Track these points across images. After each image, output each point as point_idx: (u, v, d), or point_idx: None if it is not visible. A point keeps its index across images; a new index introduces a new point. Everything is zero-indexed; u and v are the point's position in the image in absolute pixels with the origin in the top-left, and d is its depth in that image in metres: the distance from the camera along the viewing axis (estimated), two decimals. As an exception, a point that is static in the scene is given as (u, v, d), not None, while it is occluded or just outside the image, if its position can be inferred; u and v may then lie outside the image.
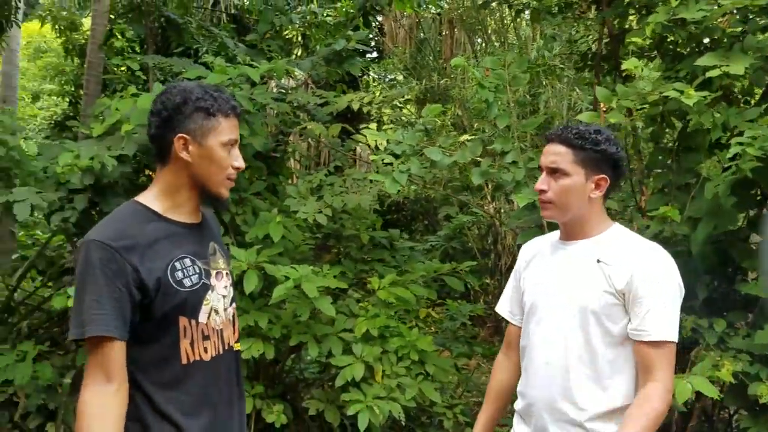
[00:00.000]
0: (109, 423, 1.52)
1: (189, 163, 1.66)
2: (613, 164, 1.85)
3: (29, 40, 15.47)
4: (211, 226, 1.83)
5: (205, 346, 1.67)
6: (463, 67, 2.91)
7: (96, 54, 6.31)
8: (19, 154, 3.60)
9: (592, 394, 1.81)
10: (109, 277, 1.53)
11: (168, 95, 1.68)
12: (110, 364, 1.54)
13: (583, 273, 1.83)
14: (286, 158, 4.69)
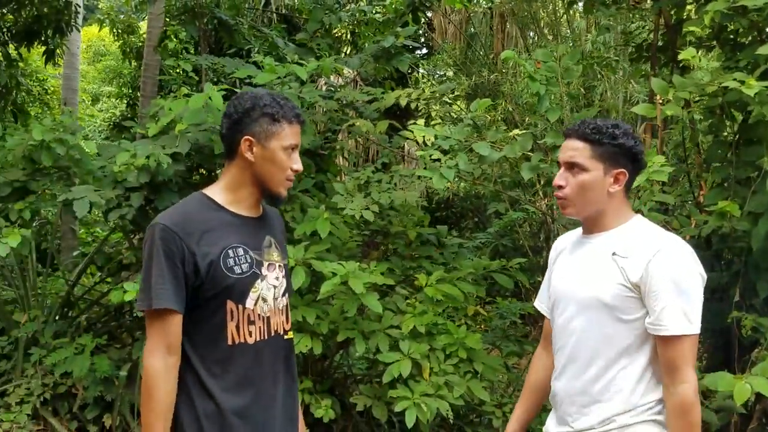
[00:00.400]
0: (171, 390, 1.73)
1: (252, 162, 1.82)
2: (632, 158, 1.84)
3: (89, 43, 16.03)
4: (271, 222, 1.95)
5: (250, 330, 1.80)
6: (513, 60, 2.85)
7: (152, 56, 6.49)
8: (79, 153, 3.73)
9: (608, 385, 1.81)
10: (169, 256, 1.72)
11: (240, 100, 1.86)
12: (171, 337, 1.73)
13: (599, 266, 1.83)
14: (334, 155, 4.71)
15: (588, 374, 1.83)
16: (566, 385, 1.88)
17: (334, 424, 3.84)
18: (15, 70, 6.86)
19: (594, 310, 1.81)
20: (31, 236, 3.63)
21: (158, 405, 1.71)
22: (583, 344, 1.84)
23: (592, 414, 1.82)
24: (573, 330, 1.87)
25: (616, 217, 1.86)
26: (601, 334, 1.81)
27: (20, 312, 4.54)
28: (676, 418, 1.73)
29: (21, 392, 4.07)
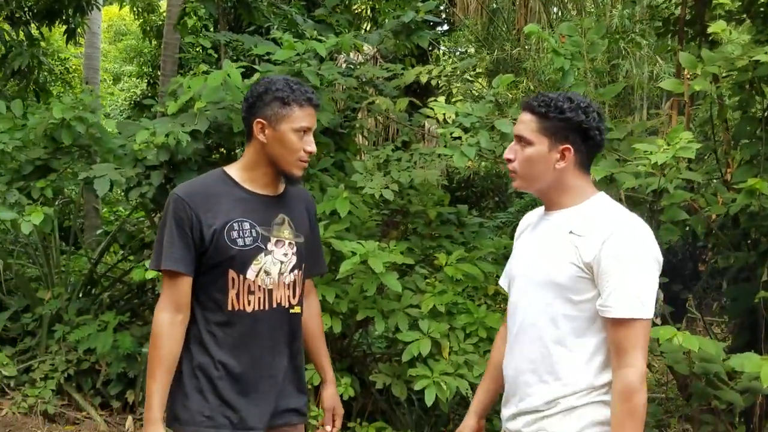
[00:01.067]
0: (174, 343, 1.89)
1: (265, 144, 1.93)
2: (582, 134, 1.75)
3: (110, 23, 16.06)
4: (291, 202, 2.04)
5: (249, 299, 1.93)
6: (537, 34, 2.77)
7: (172, 35, 6.47)
8: (99, 131, 3.74)
9: (555, 366, 1.75)
10: (179, 224, 1.88)
11: (257, 85, 1.97)
12: (179, 296, 1.89)
13: (555, 244, 1.77)
14: (354, 134, 4.66)
15: (534, 354, 1.78)
16: (514, 364, 1.84)
17: (353, 402, 3.86)
18: (37, 49, 6.89)
19: (546, 290, 1.76)
20: (53, 214, 3.66)
21: (162, 355, 1.87)
22: (532, 324, 1.79)
23: (537, 395, 1.77)
24: (523, 309, 1.83)
25: (574, 195, 1.79)
26: (550, 314, 1.76)
27: (44, 289, 4.61)
28: (618, 401, 1.67)
29: (45, 368, 4.15)
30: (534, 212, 1.99)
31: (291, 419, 2.05)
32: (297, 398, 2.07)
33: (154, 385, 1.86)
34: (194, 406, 1.92)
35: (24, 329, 4.49)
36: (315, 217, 2.17)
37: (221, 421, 1.92)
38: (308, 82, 3.54)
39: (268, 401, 1.98)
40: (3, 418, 3.91)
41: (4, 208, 3.49)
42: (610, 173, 2.83)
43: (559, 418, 1.74)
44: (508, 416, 1.86)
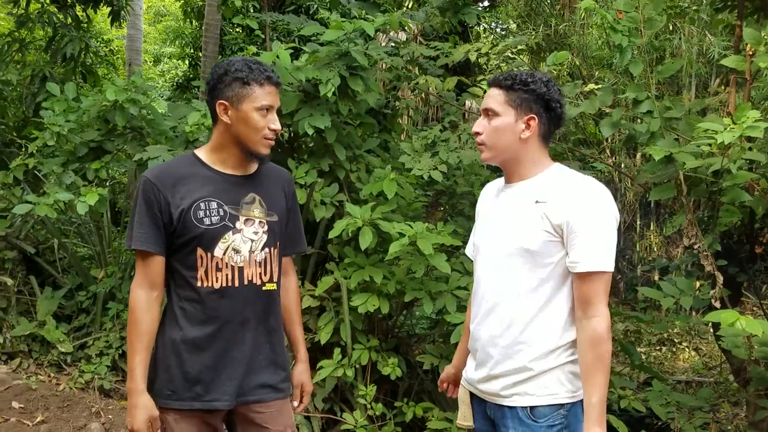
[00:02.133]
0: (151, 318, 1.96)
1: (229, 125, 1.98)
2: (545, 104, 1.88)
3: (149, 4, 16.19)
4: (263, 181, 2.08)
5: (217, 276, 1.98)
6: (593, 10, 2.70)
7: (213, 16, 6.51)
8: (152, 113, 3.79)
9: (531, 328, 1.88)
10: (148, 204, 1.95)
11: (216, 68, 2.01)
12: (152, 274, 1.97)
13: (522, 214, 1.88)
14: (399, 114, 4.63)
15: (507, 321, 1.89)
16: (489, 329, 1.94)
17: (399, 382, 3.88)
18: (84, 33, 7.00)
19: (516, 258, 1.88)
20: (107, 195, 3.73)
21: (140, 330, 1.95)
22: (502, 292, 1.91)
23: (514, 357, 1.89)
24: (493, 278, 1.93)
25: (534, 165, 1.91)
26: (520, 281, 1.88)
27: (97, 268, 4.72)
28: (587, 350, 1.82)
29: (100, 345, 4.26)
30: (493, 184, 2.10)
31: (264, 395, 2.08)
32: (272, 374, 2.10)
33: (137, 358, 1.94)
34: (162, 380, 2.00)
35: (78, 307, 4.61)
36: (294, 196, 2.20)
37: (186, 394, 2.00)
38: (356, 62, 3.52)
39: (236, 376, 2.02)
40: (61, 393, 4.03)
41: (61, 189, 3.58)
42: (669, 153, 2.76)
43: (536, 378, 1.87)
44: (480, 378, 1.97)
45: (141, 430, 1.94)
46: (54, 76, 6.26)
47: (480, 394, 1.99)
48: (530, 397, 1.87)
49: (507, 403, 1.90)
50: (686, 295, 3.07)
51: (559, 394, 1.87)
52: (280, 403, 2.13)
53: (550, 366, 1.87)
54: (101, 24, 10.79)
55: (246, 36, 9.20)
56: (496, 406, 1.94)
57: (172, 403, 2.00)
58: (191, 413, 2.02)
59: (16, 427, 3.60)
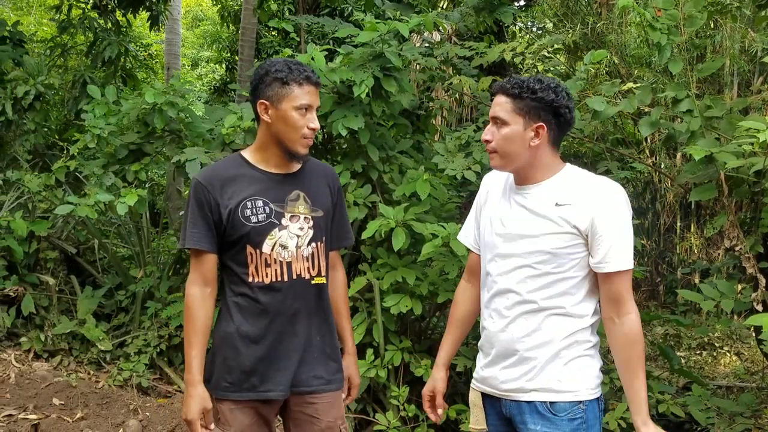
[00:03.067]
0: (205, 314, 2.05)
1: (269, 124, 2.04)
2: (553, 112, 1.88)
3: (187, 9, 16.45)
4: (306, 178, 2.15)
5: (267, 272, 2.06)
6: (630, 7, 2.65)
7: (249, 19, 6.59)
8: (190, 116, 3.85)
9: (550, 328, 1.90)
10: (200, 205, 2.05)
11: (258, 68, 2.08)
12: (205, 272, 2.06)
13: (541, 217, 1.89)
14: (433, 115, 4.62)
15: (536, 320, 1.90)
16: (512, 331, 1.93)
17: (433, 384, 3.87)
18: (123, 37, 7.15)
19: (539, 259, 1.89)
20: (146, 196, 3.80)
21: (196, 325, 2.04)
22: (529, 292, 1.90)
23: (539, 355, 1.90)
24: (517, 279, 1.92)
25: (547, 169, 1.92)
26: (546, 281, 1.89)
27: (136, 268, 4.81)
28: (625, 348, 1.87)
29: (139, 343, 4.34)
30: (498, 176, 2.08)
31: (318, 386, 2.14)
32: (325, 366, 2.16)
33: (192, 351, 2.03)
34: (218, 372, 2.09)
35: (118, 306, 4.70)
36: (340, 191, 2.26)
37: (242, 386, 2.08)
38: (390, 63, 3.52)
39: (289, 367, 2.09)
40: (100, 390, 4.12)
41: (102, 190, 3.66)
42: (710, 153, 2.70)
43: (558, 373, 1.89)
44: (497, 375, 1.97)
45: (194, 420, 2.01)
46: (95, 80, 6.41)
47: (494, 391, 1.99)
48: (551, 393, 1.89)
49: (526, 398, 1.91)
50: (727, 298, 3.00)
51: (579, 391, 1.89)
52: (332, 395, 2.19)
53: (572, 360, 1.89)
54: (140, 28, 11.01)
55: (281, 39, 9.29)
56: (514, 403, 1.94)
57: (228, 395, 2.08)
58: (246, 404, 2.09)
59: (56, 423, 3.70)
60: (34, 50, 7.71)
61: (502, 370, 1.96)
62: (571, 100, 1.92)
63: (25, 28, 8.49)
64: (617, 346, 1.88)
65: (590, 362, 1.92)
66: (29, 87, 5.34)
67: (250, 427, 2.11)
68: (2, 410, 3.72)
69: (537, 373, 1.90)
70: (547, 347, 1.90)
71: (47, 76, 5.65)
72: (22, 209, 4.78)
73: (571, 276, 1.89)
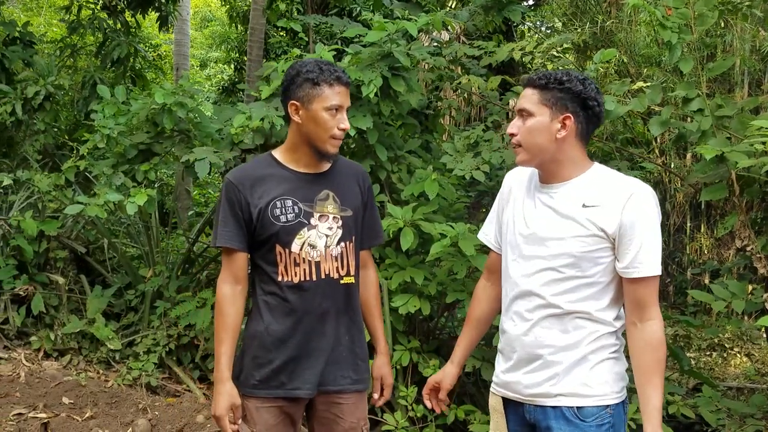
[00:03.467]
0: (236, 311, 2.09)
1: (300, 124, 2.06)
2: (581, 103, 1.83)
3: (196, 9, 16.51)
4: (336, 178, 2.15)
5: (296, 271, 2.08)
6: (641, 6, 2.63)
7: (258, 20, 6.59)
8: (199, 116, 3.86)
9: (574, 331, 1.85)
10: (231, 204, 2.07)
11: (289, 69, 2.09)
12: (236, 270, 2.10)
13: (568, 218, 1.84)
14: (441, 115, 4.61)
15: (560, 323, 1.85)
16: (536, 333, 1.88)
17: (441, 384, 3.86)
18: (133, 38, 7.18)
19: (564, 262, 1.83)
20: (155, 196, 3.81)
21: (226, 322, 2.07)
22: (553, 295, 1.85)
23: (563, 360, 1.85)
24: (540, 281, 1.87)
25: (574, 166, 1.86)
26: (571, 284, 1.84)
27: (145, 268, 4.83)
28: (647, 352, 1.81)
29: (148, 342, 4.36)
30: (522, 173, 2.01)
31: (345, 386, 2.15)
32: (353, 365, 2.17)
33: (222, 348, 2.06)
34: (249, 370, 2.11)
35: (127, 305, 4.72)
36: (370, 190, 2.26)
37: (271, 384, 2.09)
38: (398, 62, 3.52)
39: (317, 366, 2.11)
40: (109, 389, 4.14)
41: (111, 190, 3.67)
42: (720, 152, 2.67)
43: (583, 377, 1.84)
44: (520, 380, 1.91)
45: (222, 416, 2.04)
46: (104, 81, 6.44)
47: (517, 396, 1.94)
48: (578, 398, 1.84)
49: (552, 403, 1.86)
50: (738, 299, 2.98)
51: (606, 395, 1.85)
52: (358, 396, 2.20)
53: (598, 363, 1.85)
54: (149, 29, 11.06)
55: (290, 39, 9.29)
56: (539, 408, 1.89)
57: (256, 392, 2.10)
58: (273, 401, 2.11)
59: (66, 422, 3.71)
60: (44, 51, 7.76)
61: (526, 374, 1.91)
62: (600, 94, 1.86)
63: (35, 28, 8.54)
64: (636, 350, 1.84)
65: (616, 365, 1.88)
66: (39, 87, 5.37)
67: (275, 427, 2.12)
68: (12, 409, 3.74)
69: (562, 377, 1.85)
70: (572, 351, 1.85)
71: (57, 77, 5.68)
72: (32, 209, 4.81)
73: (596, 281, 1.83)
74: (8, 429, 3.56)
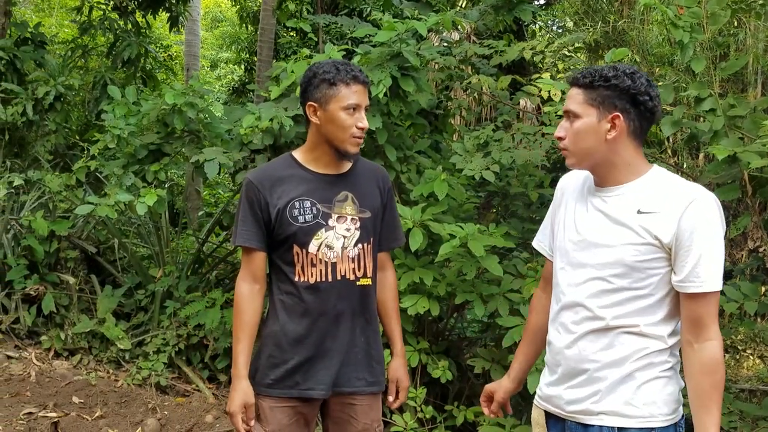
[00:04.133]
0: (254, 310, 2.10)
1: (319, 125, 2.06)
2: (631, 99, 1.69)
3: (206, 10, 16.57)
4: (356, 179, 2.15)
5: (312, 271, 2.08)
6: (653, 5, 2.61)
7: (268, 20, 6.60)
8: (209, 116, 3.87)
9: (630, 344, 1.73)
10: (250, 204, 2.08)
11: (306, 71, 2.10)
12: (254, 269, 2.11)
13: (622, 225, 1.71)
14: (451, 115, 4.59)
15: (608, 337, 1.74)
16: (583, 345, 1.78)
17: (450, 386, 3.85)
18: (143, 38, 7.21)
19: (615, 271, 1.72)
20: (165, 196, 3.82)
21: (244, 320, 2.08)
22: (602, 307, 1.74)
23: (609, 376, 1.74)
24: (590, 291, 1.76)
25: (629, 169, 1.73)
26: (623, 295, 1.72)
27: (155, 268, 4.85)
28: (704, 375, 1.67)
29: (158, 342, 4.37)
30: (576, 176, 1.91)
31: (360, 387, 2.15)
32: (368, 367, 2.17)
33: (239, 346, 2.07)
34: (264, 370, 2.12)
35: (137, 305, 4.74)
36: (390, 192, 2.25)
37: (286, 383, 2.10)
38: (408, 62, 3.50)
39: (331, 367, 2.11)
40: (119, 388, 4.16)
41: (122, 190, 3.68)
42: (733, 152, 2.64)
43: (630, 396, 1.73)
44: (563, 395, 1.82)
45: (235, 413, 2.05)
46: (115, 81, 6.47)
47: (559, 411, 1.84)
48: (620, 418, 1.73)
49: (593, 422, 1.76)
50: (751, 300, 2.95)
51: (653, 417, 1.73)
52: (372, 398, 2.20)
53: (646, 383, 1.73)
54: (160, 30, 11.10)
55: (300, 39, 9.30)
56: (580, 426, 1.79)
57: (270, 391, 2.11)
58: (287, 401, 2.11)
59: (75, 421, 3.73)
60: (55, 51, 7.80)
61: (568, 389, 1.81)
62: (652, 87, 1.72)
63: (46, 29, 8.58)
64: (692, 373, 1.69)
65: (666, 385, 1.74)
66: (50, 88, 5.40)
67: (289, 427, 2.13)
68: (23, 408, 3.76)
69: (605, 394, 1.74)
70: (618, 367, 1.73)
71: (68, 77, 5.72)
72: (43, 209, 4.84)
73: (648, 294, 1.71)
74: (18, 428, 3.58)
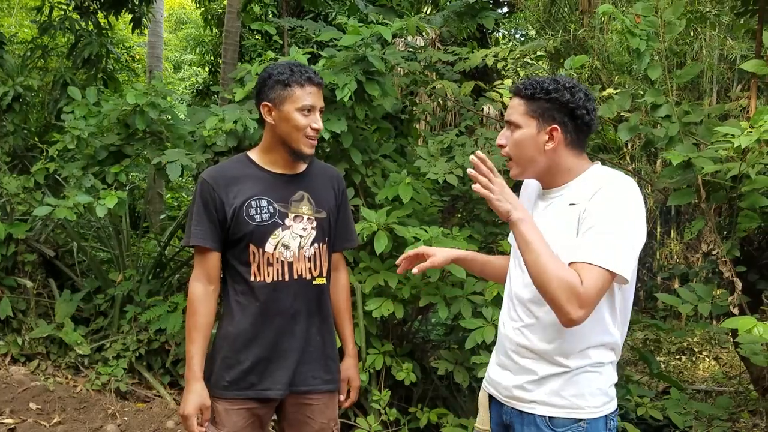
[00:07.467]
0: (208, 311, 2.09)
1: (273, 125, 2.09)
2: (569, 113, 1.75)
3: (170, 12, 16.38)
4: (311, 179, 2.17)
5: (268, 271, 2.08)
6: (611, 14, 2.68)
7: (233, 22, 6.56)
8: (171, 117, 3.82)
9: (551, 344, 1.79)
10: (205, 203, 2.07)
11: (262, 73, 2.12)
12: (209, 269, 2.09)
13: (557, 219, 1.78)
14: (416, 119, 4.63)
15: (546, 332, 1.79)
16: (522, 337, 1.84)
17: (414, 388, 3.87)
18: (105, 38, 7.09)
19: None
20: (126, 199, 3.76)
21: (198, 321, 2.07)
22: (539, 308, 1.79)
23: (546, 364, 1.80)
24: (532, 295, 1.81)
25: (570, 173, 1.79)
26: None
27: (115, 271, 4.76)
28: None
29: (117, 347, 4.29)
30: (533, 182, 1.95)
31: (315, 386, 2.17)
32: (323, 366, 2.18)
33: (193, 348, 2.06)
34: (219, 372, 2.10)
35: (97, 310, 4.65)
36: (344, 193, 2.28)
37: (241, 384, 2.09)
38: (373, 67, 3.53)
39: (288, 367, 2.11)
40: (78, 394, 4.07)
41: (81, 192, 3.62)
42: (687, 158, 2.73)
43: (561, 386, 1.78)
44: (504, 379, 1.89)
45: (190, 416, 2.03)
46: (75, 82, 6.35)
47: (498, 395, 1.93)
48: (550, 408, 1.79)
49: (526, 409, 1.83)
50: (705, 302, 3.03)
51: (580, 409, 1.78)
52: (328, 396, 2.21)
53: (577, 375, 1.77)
54: (123, 32, 10.93)
55: (265, 42, 9.26)
56: (515, 411, 1.86)
57: (226, 393, 2.09)
58: (243, 403, 2.10)
59: (33, 428, 3.64)
60: (14, 51, 7.62)
61: (507, 375, 1.88)
62: (590, 100, 1.77)
63: (5, 29, 8.39)
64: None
65: (598, 378, 1.79)
66: (8, 88, 5.27)
67: (244, 429, 2.12)
68: (-23, 415, 3.66)
69: (538, 384, 1.81)
70: (551, 359, 1.79)
71: (27, 78, 5.59)
72: (0, 212, 4.71)
73: None
74: (-28, 436, 3.48)
